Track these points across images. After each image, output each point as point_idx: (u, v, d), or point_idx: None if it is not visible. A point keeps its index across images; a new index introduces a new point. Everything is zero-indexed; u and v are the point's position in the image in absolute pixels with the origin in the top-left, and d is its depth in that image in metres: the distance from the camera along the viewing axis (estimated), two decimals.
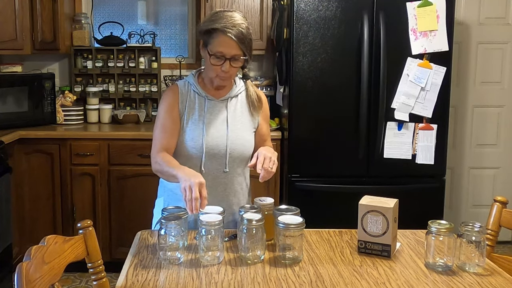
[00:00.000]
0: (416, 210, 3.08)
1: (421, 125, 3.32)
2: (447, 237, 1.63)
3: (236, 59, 1.95)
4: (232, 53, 1.93)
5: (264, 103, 2.15)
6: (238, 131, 2.05)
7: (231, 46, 1.92)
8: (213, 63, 1.95)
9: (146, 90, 4.02)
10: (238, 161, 2.05)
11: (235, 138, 2.03)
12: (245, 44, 1.93)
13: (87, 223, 1.61)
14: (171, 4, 4.23)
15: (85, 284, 3.46)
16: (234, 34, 1.90)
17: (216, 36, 1.92)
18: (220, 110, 2.05)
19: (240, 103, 2.10)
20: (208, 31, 1.95)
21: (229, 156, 2.01)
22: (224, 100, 2.07)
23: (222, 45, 1.92)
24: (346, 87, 3.31)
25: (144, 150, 3.49)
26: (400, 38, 3.26)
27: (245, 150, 2.05)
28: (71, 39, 3.94)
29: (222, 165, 2.02)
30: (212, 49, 1.93)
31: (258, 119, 2.12)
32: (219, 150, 2.01)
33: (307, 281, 1.56)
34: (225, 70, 1.95)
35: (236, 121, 2.06)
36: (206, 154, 1.99)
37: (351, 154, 3.34)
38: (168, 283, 1.54)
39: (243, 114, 2.09)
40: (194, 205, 1.68)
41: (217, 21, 1.93)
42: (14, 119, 3.62)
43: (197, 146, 2.00)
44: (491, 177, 4.31)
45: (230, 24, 1.91)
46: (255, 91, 2.13)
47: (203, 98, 2.05)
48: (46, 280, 1.36)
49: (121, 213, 3.56)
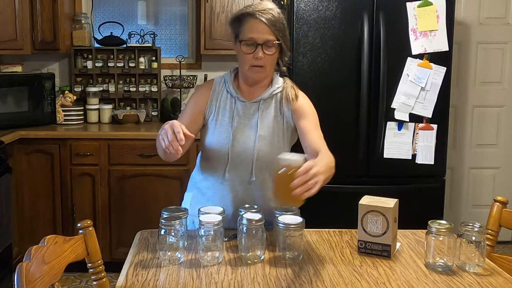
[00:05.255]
0: (416, 210, 3.08)
1: (421, 125, 3.33)
2: (447, 237, 1.63)
3: (269, 46, 1.83)
4: (264, 38, 1.82)
5: (302, 103, 1.94)
6: (269, 137, 1.91)
7: (262, 31, 1.82)
8: (245, 51, 1.84)
9: (146, 90, 4.02)
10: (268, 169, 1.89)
11: (263, 145, 1.90)
12: (277, 28, 1.83)
13: (87, 223, 1.61)
14: (171, 4, 4.23)
15: (85, 284, 3.46)
16: (264, 17, 1.81)
17: (246, 21, 1.84)
18: (251, 113, 1.92)
19: (275, 106, 1.94)
20: (237, 18, 1.87)
21: (255, 164, 1.90)
22: (256, 102, 1.93)
23: (253, 30, 1.82)
24: (346, 87, 3.31)
25: (144, 150, 3.50)
26: (400, 38, 3.26)
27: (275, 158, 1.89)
28: (71, 39, 3.94)
29: (248, 173, 1.91)
30: (243, 36, 1.84)
31: (292, 122, 1.93)
32: (246, 156, 1.90)
33: (307, 281, 1.56)
34: (258, 57, 1.82)
35: (267, 126, 1.91)
36: (231, 160, 1.90)
37: (351, 154, 3.34)
38: (168, 283, 1.54)
39: (276, 118, 1.93)
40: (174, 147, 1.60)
41: (247, 8, 1.87)
42: (14, 119, 3.62)
43: (222, 150, 1.90)
44: (491, 177, 4.31)
45: (260, 8, 1.83)
46: (293, 92, 1.95)
47: (234, 99, 1.93)
48: (46, 280, 1.36)
49: (121, 213, 3.56)
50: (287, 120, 1.94)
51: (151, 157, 3.48)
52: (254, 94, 1.94)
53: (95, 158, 3.52)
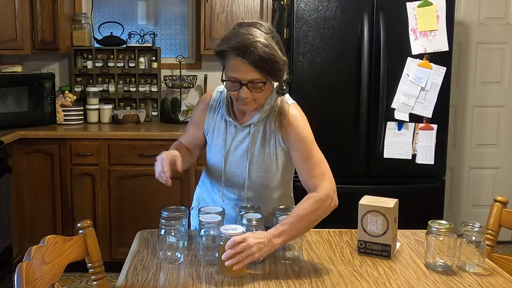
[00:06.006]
0: (416, 210, 3.08)
1: (421, 125, 3.33)
2: (447, 237, 1.63)
3: (255, 84, 1.65)
4: (247, 78, 1.64)
5: (291, 129, 1.77)
6: (260, 162, 1.83)
7: (244, 70, 1.62)
8: (229, 88, 1.70)
9: (146, 90, 4.02)
10: (261, 189, 1.87)
11: (255, 170, 1.83)
12: (262, 66, 1.61)
13: (87, 223, 1.61)
14: (171, 4, 4.22)
15: (85, 284, 3.46)
16: (248, 58, 1.59)
17: (227, 58, 1.66)
18: (243, 137, 1.83)
19: (268, 128, 1.81)
20: (218, 53, 1.68)
21: (247, 188, 1.86)
22: (246, 126, 1.83)
23: (234, 69, 1.64)
24: (346, 87, 3.31)
25: (144, 150, 3.49)
26: (400, 38, 3.26)
27: (268, 182, 1.86)
28: (71, 39, 3.94)
29: (242, 193, 1.88)
30: (226, 73, 1.69)
31: (285, 146, 1.81)
32: (238, 180, 1.86)
33: (307, 281, 1.56)
34: (244, 97, 1.67)
35: (259, 151, 1.82)
36: (225, 181, 1.88)
37: (351, 154, 3.34)
38: (168, 283, 1.54)
39: (268, 141, 1.82)
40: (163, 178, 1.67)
41: (228, 40, 1.64)
42: (14, 119, 3.62)
43: (217, 171, 1.89)
44: (491, 177, 4.31)
45: (240, 44, 1.60)
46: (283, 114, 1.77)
47: (227, 123, 1.85)
48: (46, 280, 1.36)
49: (121, 213, 3.56)
50: (279, 143, 1.82)
51: (151, 157, 3.46)
52: (246, 117, 1.84)
53: (95, 158, 3.52)
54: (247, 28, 1.65)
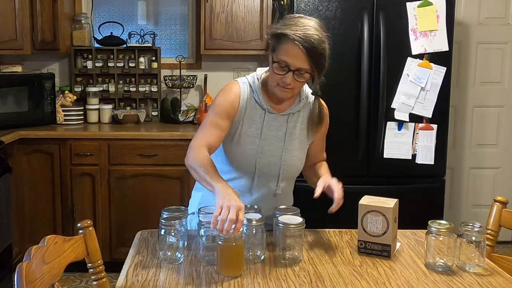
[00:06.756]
0: (416, 210, 3.08)
1: (421, 125, 3.32)
2: (447, 237, 1.63)
3: (301, 73, 1.74)
4: (297, 65, 1.72)
5: (326, 121, 1.99)
6: (294, 150, 1.90)
7: (297, 57, 1.71)
8: (275, 71, 1.75)
9: (146, 90, 4.02)
10: (290, 180, 1.96)
11: (288, 159, 1.89)
12: (314, 58, 1.72)
13: (87, 223, 1.61)
14: (171, 4, 4.23)
15: (85, 284, 3.46)
16: (303, 44, 1.68)
17: (284, 42, 1.72)
18: (279, 126, 1.88)
19: (301, 120, 1.91)
20: (276, 35, 1.74)
21: (281, 178, 1.89)
22: (285, 115, 1.88)
23: (288, 54, 1.71)
24: (346, 87, 3.31)
25: (144, 150, 3.50)
26: (400, 38, 3.26)
27: (296, 171, 1.95)
28: (71, 39, 3.94)
29: (272, 186, 1.90)
30: (277, 56, 1.73)
31: (311, 138, 1.97)
32: (272, 169, 1.88)
33: (307, 281, 1.56)
34: (287, 82, 1.74)
35: (294, 139, 1.90)
36: (257, 173, 1.87)
37: (351, 154, 3.33)
38: (168, 283, 1.54)
39: (301, 131, 1.92)
40: (226, 226, 1.51)
41: (289, 26, 1.72)
42: (14, 119, 3.62)
43: (248, 162, 1.86)
44: (491, 177, 4.31)
45: (301, 32, 1.69)
46: (320, 109, 1.94)
47: (264, 111, 1.86)
48: (46, 280, 1.36)
49: (121, 213, 3.56)
50: (309, 136, 1.95)
51: (151, 157, 3.48)
52: (281, 106, 1.88)
53: (95, 158, 3.52)
54: (309, 21, 1.76)
